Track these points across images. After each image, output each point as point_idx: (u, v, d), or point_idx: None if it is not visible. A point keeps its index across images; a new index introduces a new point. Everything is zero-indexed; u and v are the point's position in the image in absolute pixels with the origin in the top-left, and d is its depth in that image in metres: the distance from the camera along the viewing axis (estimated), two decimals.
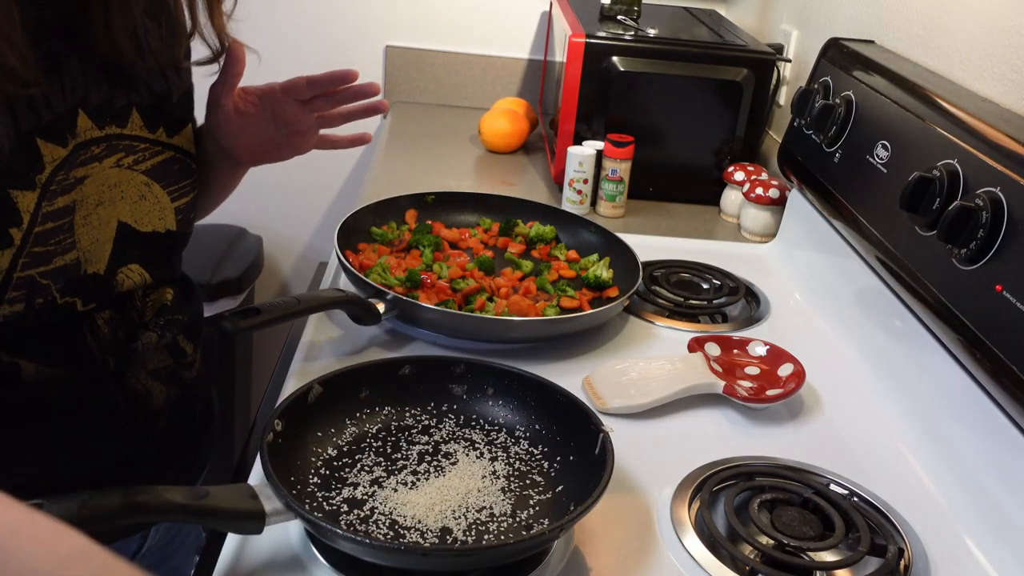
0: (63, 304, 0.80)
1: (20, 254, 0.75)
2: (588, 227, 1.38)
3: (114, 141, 0.83)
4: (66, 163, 0.78)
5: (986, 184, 0.92)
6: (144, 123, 0.87)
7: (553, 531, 0.75)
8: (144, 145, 0.87)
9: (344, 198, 2.25)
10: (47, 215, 0.76)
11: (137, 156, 0.86)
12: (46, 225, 0.76)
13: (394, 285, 1.16)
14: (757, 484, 0.91)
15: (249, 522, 0.72)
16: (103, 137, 0.82)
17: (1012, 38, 1.08)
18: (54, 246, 0.77)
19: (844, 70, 1.33)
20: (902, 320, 1.10)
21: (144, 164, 0.87)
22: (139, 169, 0.86)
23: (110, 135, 0.83)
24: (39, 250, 0.76)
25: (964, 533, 0.89)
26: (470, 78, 2.16)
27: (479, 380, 0.96)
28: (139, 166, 0.86)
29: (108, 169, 0.83)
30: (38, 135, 0.75)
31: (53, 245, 0.77)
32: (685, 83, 1.60)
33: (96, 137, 0.81)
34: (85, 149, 0.80)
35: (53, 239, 0.77)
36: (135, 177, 0.86)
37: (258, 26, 2.09)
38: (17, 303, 0.76)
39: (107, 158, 0.82)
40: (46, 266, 0.77)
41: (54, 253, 0.77)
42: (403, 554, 0.75)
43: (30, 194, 0.74)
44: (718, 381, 1.06)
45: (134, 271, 0.88)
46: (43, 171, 0.75)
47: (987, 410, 0.92)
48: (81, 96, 0.79)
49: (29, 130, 0.74)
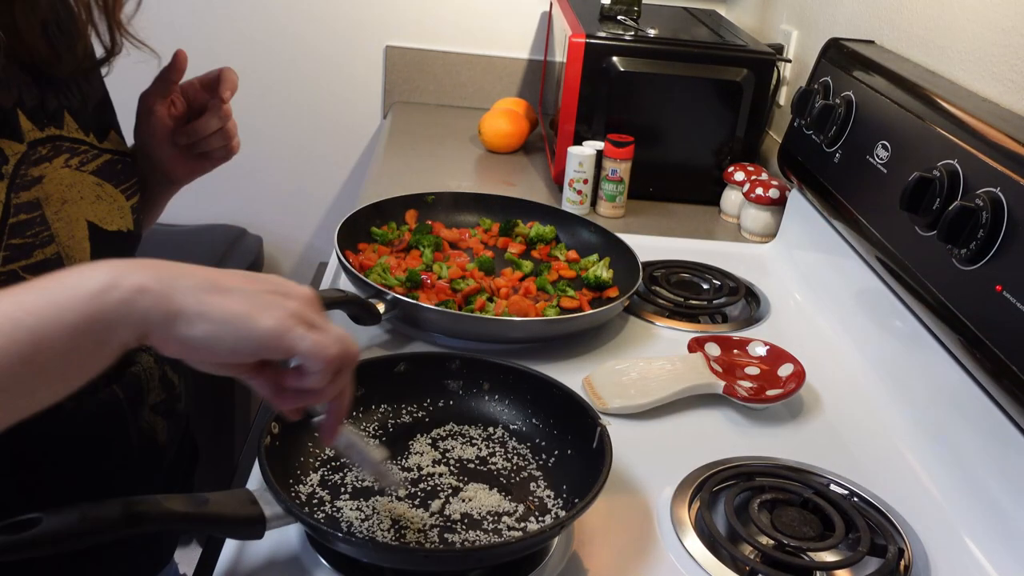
0: None
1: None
2: (588, 227, 1.38)
3: (56, 142, 0.81)
4: (24, 159, 0.76)
5: (986, 184, 0.92)
6: (78, 125, 0.84)
7: (554, 528, 0.76)
8: (84, 147, 0.85)
9: (344, 198, 2.25)
10: (18, 207, 0.74)
11: (81, 157, 0.84)
12: (19, 216, 0.74)
13: (394, 285, 1.16)
14: (757, 484, 0.91)
15: (250, 528, 0.72)
16: (46, 138, 0.80)
17: (1012, 38, 1.08)
18: (32, 238, 0.75)
19: (844, 70, 1.33)
20: (902, 320, 1.10)
21: (90, 165, 0.85)
22: (87, 170, 0.84)
23: (52, 136, 0.81)
24: (17, 242, 0.74)
25: (964, 533, 0.89)
26: (470, 78, 2.16)
27: (475, 376, 0.96)
28: (86, 167, 0.84)
29: (60, 170, 0.81)
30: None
31: (31, 237, 0.75)
32: (685, 83, 1.60)
33: (39, 138, 0.79)
34: (33, 149, 0.78)
35: (29, 231, 0.75)
36: (86, 178, 0.84)
37: (258, 26, 2.10)
38: None
39: (55, 158, 0.80)
40: (27, 259, 0.75)
41: (33, 245, 0.75)
42: (405, 555, 0.75)
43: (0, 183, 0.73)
44: (718, 381, 1.06)
45: None
46: (7, 162, 0.74)
47: (987, 410, 0.92)
48: (16, 96, 0.77)
49: None
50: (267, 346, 0.59)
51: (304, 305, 0.61)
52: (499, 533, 0.80)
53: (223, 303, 0.57)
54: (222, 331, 0.57)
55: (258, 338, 0.58)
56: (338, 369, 0.62)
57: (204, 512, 0.69)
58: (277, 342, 0.58)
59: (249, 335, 0.57)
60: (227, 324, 0.57)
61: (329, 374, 0.61)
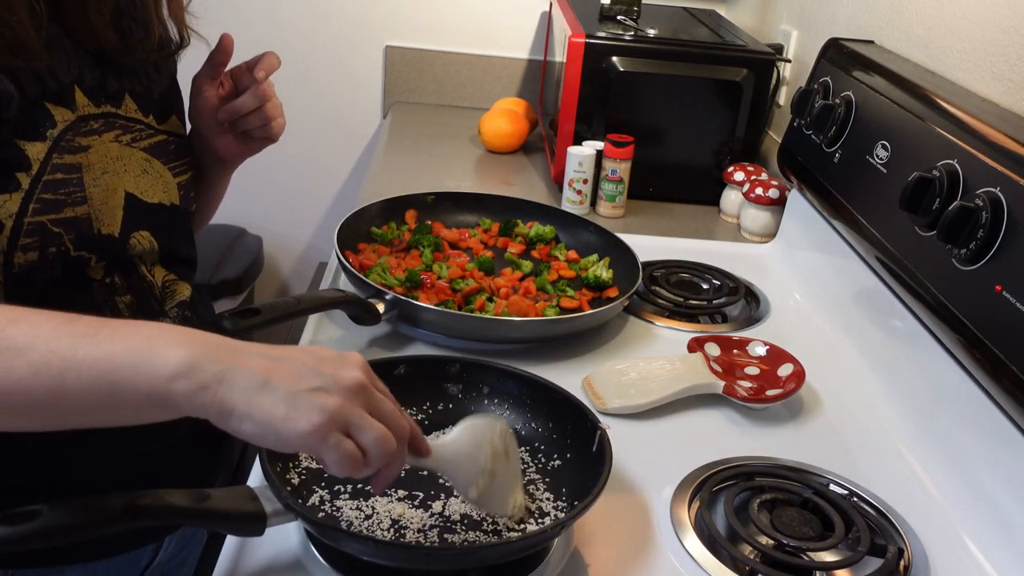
0: (76, 258, 0.82)
1: (30, 199, 0.77)
2: (588, 227, 1.38)
3: (111, 119, 0.85)
4: (72, 127, 0.81)
5: (986, 184, 0.92)
6: (137, 107, 0.89)
7: (554, 529, 0.76)
8: (139, 126, 0.89)
9: (344, 198, 2.25)
10: (57, 166, 0.79)
11: (134, 135, 0.88)
12: (55, 175, 0.79)
13: (394, 285, 1.16)
14: (757, 484, 0.91)
15: (250, 524, 0.72)
16: (100, 114, 0.84)
17: (1012, 38, 1.08)
18: (64, 196, 0.79)
19: (844, 70, 1.33)
20: (902, 320, 1.10)
21: (142, 143, 0.89)
22: (137, 147, 0.89)
23: (107, 113, 0.85)
24: (48, 197, 0.78)
25: (964, 533, 0.89)
26: (470, 78, 2.16)
27: (475, 379, 0.96)
28: (137, 144, 0.89)
29: (108, 143, 0.85)
30: (47, 100, 0.78)
31: (63, 195, 0.79)
32: (685, 83, 1.60)
33: (93, 113, 0.83)
34: (84, 122, 0.82)
35: (63, 188, 0.79)
36: (135, 153, 0.88)
37: (258, 26, 2.10)
38: (31, 251, 0.78)
39: (106, 133, 0.85)
40: (56, 214, 0.79)
41: (64, 203, 0.79)
42: (406, 553, 0.75)
43: (40, 144, 0.77)
44: (718, 381, 1.06)
45: (144, 238, 0.90)
46: (55, 127, 0.79)
47: (987, 410, 0.92)
48: (76, 75, 0.82)
49: (37, 96, 0.78)
50: (303, 450, 0.63)
51: (351, 396, 0.63)
52: (499, 534, 0.80)
53: (265, 405, 0.61)
54: (264, 432, 0.61)
55: (295, 444, 0.61)
56: (377, 463, 0.65)
57: (205, 507, 0.69)
58: (310, 451, 0.62)
59: (286, 441, 0.61)
60: (268, 427, 0.61)
61: (365, 470, 0.64)
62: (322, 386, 0.62)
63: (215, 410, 0.61)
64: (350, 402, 0.63)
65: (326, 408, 0.61)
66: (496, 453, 0.78)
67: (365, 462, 0.63)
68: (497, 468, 0.77)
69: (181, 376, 0.60)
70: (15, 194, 0.76)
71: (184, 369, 0.60)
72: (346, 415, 0.62)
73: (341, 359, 0.66)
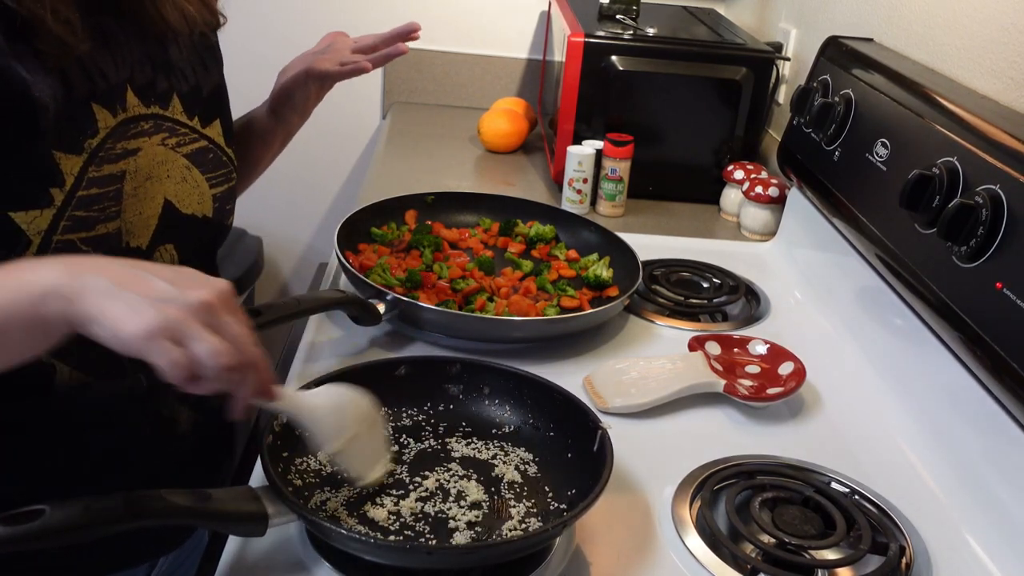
0: None
1: (61, 216, 0.76)
2: (588, 227, 1.38)
3: (159, 120, 0.86)
4: (115, 133, 0.80)
5: (986, 182, 0.92)
6: (183, 108, 0.90)
7: (555, 528, 0.76)
8: (184, 129, 0.90)
9: (344, 198, 2.25)
10: (92, 180, 0.78)
11: (179, 139, 0.89)
12: (91, 190, 0.78)
13: (394, 285, 1.16)
14: (758, 483, 0.91)
15: (252, 524, 0.72)
16: (150, 115, 0.85)
17: (1011, 36, 1.08)
18: (98, 212, 0.79)
19: (843, 68, 1.33)
20: (902, 318, 1.10)
21: (185, 148, 0.90)
22: (181, 152, 0.89)
23: (155, 114, 0.86)
24: (81, 214, 0.77)
25: (965, 530, 0.89)
26: (470, 78, 2.16)
27: (475, 380, 0.96)
28: (181, 149, 0.89)
29: (156, 146, 0.85)
30: (94, 100, 0.78)
31: (97, 211, 0.79)
32: (684, 82, 1.60)
33: (144, 114, 0.84)
34: (135, 123, 0.83)
35: (97, 205, 0.79)
36: (178, 159, 0.89)
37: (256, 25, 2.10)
38: None
39: (155, 135, 0.85)
40: (88, 232, 0.78)
41: (97, 219, 0.79)
42: (408, 553, 0.75)
43: (75, 157, 0.77)
44: (719, 380, 1.06)
45: (167, 251, 0.90)
46: (96, 136, 0.78)
47: (988, 407, 0.92)
48: (128, 74, 0.82)
49: (85, 96, 0.77)
50: (139, 353, 0.61)
51: (191, 311, 0.63)
52: (500, 532, 0.80)
53: (109, 308, 0.61)
54: (107, 335, 0.61)
55: (129, 346, 0.61)
56: (215, 377, 0.63)
57: (207, 507, 0.69)
58: (144, 354, 0.61)
59: (122, 341, 0.61)
60: (110, 330, 0.61)
61: (203, 384, 0.63)
62: (167, 298, 0.62)
63: (78, 319, 0.62)
64: (189, 315, 0.62)
65: (161, 314, 0.61)
66: (362, 417, 0.80)
67: (200, 373, 0.63)
68: (361, 432, 0.80)
69: (49, 293, 0.61)
70: (47, 210, 0.75)
71: (51, 287, 0.62)
72: (180, 324, 0.62)
73: (198, 280, 0.66)
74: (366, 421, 0.81)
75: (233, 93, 1.01)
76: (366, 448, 0.81)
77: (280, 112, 1.11)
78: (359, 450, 0.80)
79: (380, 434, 0.84)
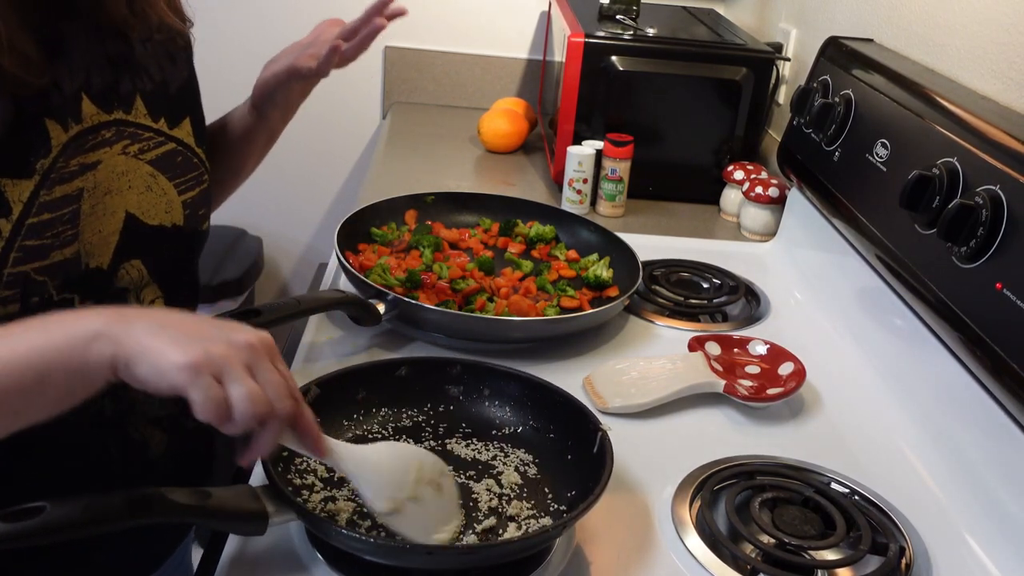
0: (59, 301, 0.77)
1: (11, 248, 0.71)
2: (588, 227, 1.38)
3: (121, 126, 0.82)
4: (68, 149, 0.75)
5: (986, 182, 0.92)
6: (148, 111, 0.85)
7: (555, 529, 0.76)
8: (148, 134, 0.85)
9: (344, 198, 2.25)
10: (44, 204, 0.73)
11: (142, 145, 0.84)
12: (42, 216, 0.73)
13: (394, 286, 1.16)
14: (758, 483, 0.91)
15: (252, 523, 0.72)
16: (112, 121, 0.80)
17: (1011, 36, 1.08)
18: (51, 239, 0.74)
19: (843, 69, 1.33)
20: (902, 318, 1.10)
21: (149, 154, 0.85)
22: (144, 159, 0.84)
23: (118, 120, 0.81)
24: (33, 243, 0.73)
25: (965, 531, 0.89)
26: (470, 78, 2.16)
27: (475, 381, 0.96)
28: (144, 155, 0.84)
29: (116, 156, 0.81)
30: (48, 116, 0.74)
31: (50, 238, 0.74)
32: (684, 82, 1.60)
33: (105, 121, 0.80)
34: (93, 134, 0.78)
35: (50, 231, 0.74)
36: (141, 167, 0.84)
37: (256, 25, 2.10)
38: (11, 303, 0.72)
39: (116, 143, 0.81)
40: (42, 261, 0.74)
41: (51, 247, 0.74)
42: (408, 553, 0.75)
43: (25, 182, 0.72)
44: (719, 380, 1.06)
45: (134, 267, 0.85)
46: (48, 155, 0.73)
47: (987, 408, 0.92)
48: (83, 80, 0.78)
49: (37, 112, 0.73)
50: (177, 385, 0.61)
51: (235, 350, 0.63)
52: (500, 533, 0.80)
53: (154, 343, 0.62)
54: (149, 370, 0.61)
55: (170, 377, 0.61)
56: (243, 421, 0.64)
57: (207, 506, 0.69)
58: (182, 387, 0.61)
59: (163, 372, 0.61)
60: (152, 364, 0.61)
61: (229, 425, 0.64)
62: (212, 337, 0.63)
63: (122, 359, 0.62)
64: (233, 354, 0.63)
65: (205, 349, 0.61)
66: (422, 480, 0.77)
67: (230, 415, 0.63)
68: (422, 496, 0.77)
69: (98, 337, 0.62)
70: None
71: (101, 331, 0.62)
72: (223, 361, 0.62)
73: (243, 327, 0.66)
74: (430, 484, 0.78)
75: (227, 90, 0.98)
76: (428, 511, 0.77)
77: (262, 109, 1.05)
78: (418, 514, 0.76)
79: (448, 497, 0.80)
